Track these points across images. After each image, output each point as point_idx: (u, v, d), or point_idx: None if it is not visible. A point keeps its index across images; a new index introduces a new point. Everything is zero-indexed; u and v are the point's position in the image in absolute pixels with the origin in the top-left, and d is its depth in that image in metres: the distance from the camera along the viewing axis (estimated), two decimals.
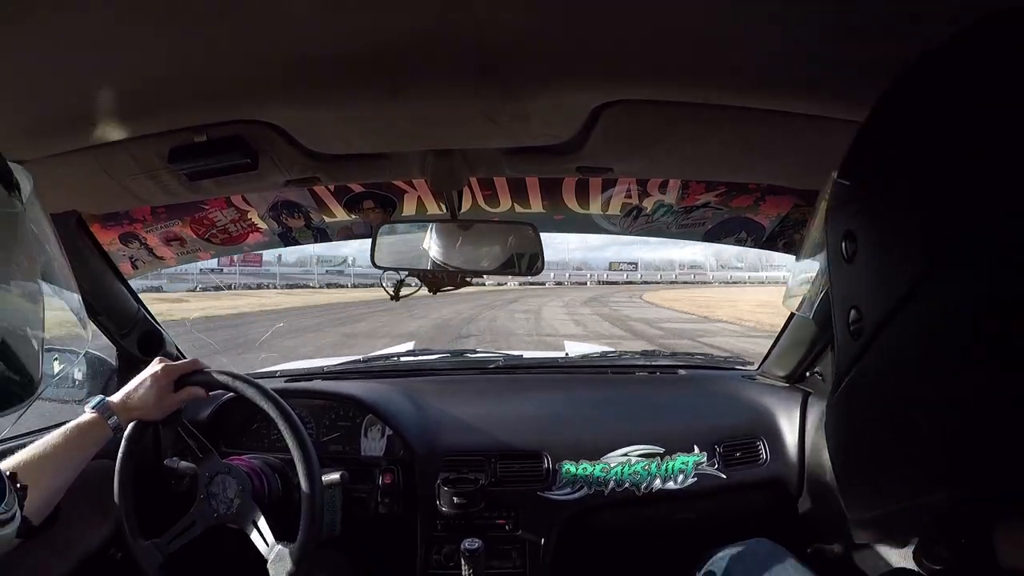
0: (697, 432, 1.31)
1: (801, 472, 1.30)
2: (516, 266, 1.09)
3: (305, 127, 0.78)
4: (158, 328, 1.37)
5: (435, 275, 1.08)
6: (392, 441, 1.28)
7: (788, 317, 1.36)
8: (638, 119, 0.75)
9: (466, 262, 1.08)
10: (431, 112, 0.74)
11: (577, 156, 0.88)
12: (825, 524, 1.26)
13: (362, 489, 1.21)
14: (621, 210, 1.39)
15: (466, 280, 1.09)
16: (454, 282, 1.09)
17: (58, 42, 0.54)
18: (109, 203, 1.10)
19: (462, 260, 1.08)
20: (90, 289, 1.17)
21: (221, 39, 0.56)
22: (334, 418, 1.34)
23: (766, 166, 0.98)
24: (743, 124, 0.74)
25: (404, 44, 0.58)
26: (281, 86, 0.67)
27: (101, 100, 0.68)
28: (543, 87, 0.67)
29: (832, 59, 0.59)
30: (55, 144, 0.76)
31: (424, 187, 1.31)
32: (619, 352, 1.89)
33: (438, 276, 1.08)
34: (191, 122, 0.74)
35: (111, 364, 1.36)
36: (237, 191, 1.21)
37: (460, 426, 1.31)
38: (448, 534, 1.21)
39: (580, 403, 1.44)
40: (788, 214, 1.28)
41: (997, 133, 0.28)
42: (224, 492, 0.99)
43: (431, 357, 1.76)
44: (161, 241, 1.39)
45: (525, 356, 1.75)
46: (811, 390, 1.34)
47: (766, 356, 1.49)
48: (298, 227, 1.45)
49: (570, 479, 1.24)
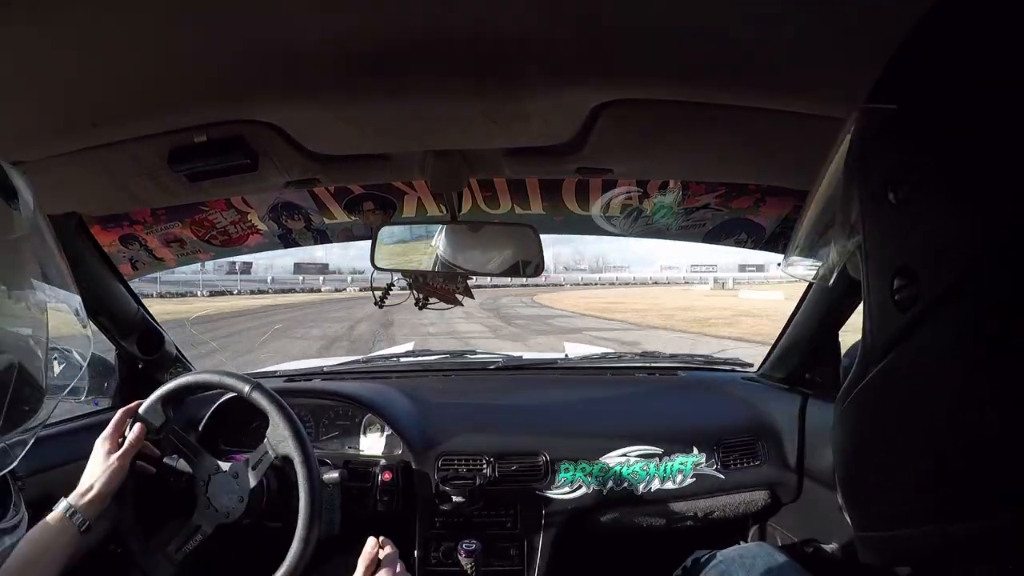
0: (696, 433, 1.31)
1: (800, 473, 1.30)
2: (519, 268, 1.09)
3: (305, 127, 0.78)
4: (158, 329, 1.37)
5: (430, 279, 1.08)
6: (391, 440, 1.28)
7: (788, 319, 1.37)
8: (638, 119, 0.75)
9: (470, 264, 1.08)
10: (431, 112, 0.74)
11: (577, 157, 0.88)
12: (823, 525, 1.26)
13: (361, 488, 1.21)
14: (621, 211, 1.39)
15: (461, 289, 1.08)
16: (453, 283, 1.08)
17: (58, 42, 0.54)
18: (109, 204, 1.10)
19: (467, 262, 1.08)
20: (90, 290, 1.17)
21: (221, 39, 0.56)
22: (333, 417, 1.34)
23: (766, 166, 0.98)
24: (743, 124, 0.75)
25: (404, 44, 0.58)
26: (281, 86, 0.67)
27: (101, 101, 0.68)
28: (543, 87, 0.67)
29: (832, 59, 0.60)
30: (55, 145, 0.76)
31: (424, 189, 1.31)
32: (618, 354, 1.88)
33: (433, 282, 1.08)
34: (191, 122, 0.74)
35: (111, 364, 1.36)
36: (237, 192, 1.21)
37: (459, 425, 1.31)
38: (447, 533, 1.21)
39: (579, 403, 1.44)
40: (788, 215, 1.28)
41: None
42: (225, 492, 0.99)
43: (430, 357, 1.76)
44: (161, 243, 1.39)
45: (524, 357, 1.75)
46: (810, 392, 1.34)
47: (766, 358, 1.49)
48: (298, 229, 1.45)
49: (569, 479, 1.24)
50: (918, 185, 0.28)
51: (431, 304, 1.08)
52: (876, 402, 0.33)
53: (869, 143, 0.32)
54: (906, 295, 0.29)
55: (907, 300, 0.28)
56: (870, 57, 0.57)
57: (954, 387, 0.27)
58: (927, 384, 0.29)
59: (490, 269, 1.10)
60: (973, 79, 0.26)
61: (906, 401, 0.30)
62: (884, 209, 0.30)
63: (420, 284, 1.07)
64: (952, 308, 0.26)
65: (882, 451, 0.33)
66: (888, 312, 0.30)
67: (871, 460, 0.35)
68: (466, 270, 1.08)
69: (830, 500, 1.20)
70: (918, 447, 0.29)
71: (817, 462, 1.27)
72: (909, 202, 0.29)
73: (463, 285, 1.08)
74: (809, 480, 1.29)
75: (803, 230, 0.44)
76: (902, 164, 0.29)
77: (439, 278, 1.08)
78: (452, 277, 1.08)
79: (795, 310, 1.33)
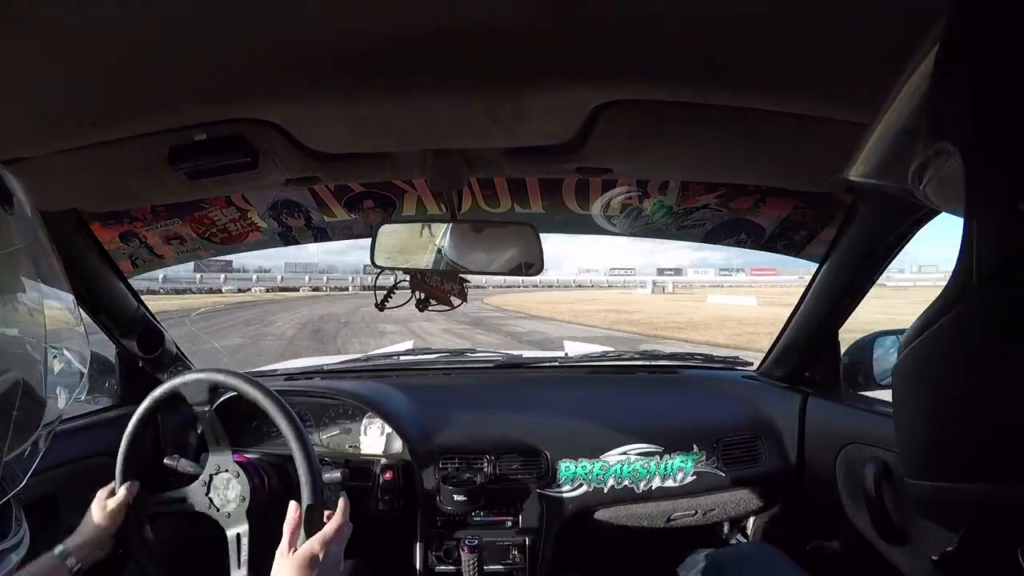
0: (696, 431, 1.31)
1: (800, 471, 1.31)
2: (519, 267, 1.08)
3: (305, 126, 0.78)
4: (158, 326, 1.37)
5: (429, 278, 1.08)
6: (392, 439, 1.29)
7: (788, 318, 1.37)
8: (638, 119, 0.75)
9: (470, 263, 1.08)
10: (431, 111, 0.74)
11: (577, 156, 0.88)
12: (823, 522, 1.27)
13: (362, 487, 1.21)
14: (621, 211, 1.39)
15: (460, 289, 1.08)
16: (452, 281, 1.08)
17: (58, 39, 0.54)
18: (109, 201, 1.10)
19: (467, 261, 1.08)
20: (90, 287, 1.17)
21: (222, 37, 0.56)
22: (334, 416, 1.34)
23: (766, 167, 0.98)
24: (743, 125, 0.75)
25: (404, 43, 0.58)
26: (281, 85, 0.67)
27: (101, 98, 0.68)
28: (543, 87, 0.67)
29: (832, 59, 0.60)
30: (55, 142, 0.76)
31: (424, 187, 1.31)
32: (619, 352, 1.88)
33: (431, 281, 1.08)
34: (191, 120, 0.74)
35: (110, 362, 1.36)
36: (237, 190, 1.21)
37: (459, 424, 1.32)
38: (448, 531, 1.21)
39: (579, 401, 1.44)
40: (788, 216, 1.28)
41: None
42: (226, 490, 1.00)
43: (431, 356, 1.76)
44: (161, 240, 1.39)
45: (524, 355, 1.75)
46: (810, 391, 1.35)
47: (766, 357, 1.49)
48: (298, 226, 1.45)
49: (569, 476, 1.24)
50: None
51: (432, 306, 1.08)
52: (978, 326, 0.29)
53: (987, 31, 0.28)
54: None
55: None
56: (869, 58, 0.57)
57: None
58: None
59: (490, 268, 1.10)
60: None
61: (1019, 329, 0.27)
62: (1007, 107, 0.27)
63: (419, 283, 1.07)
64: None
65: (973, 388, 0.30)
66: (1007, 224, 0.27)
67: (951, 401, 0.32)
68: (466, 269, 1.08)
69: (830, 499, 1.20)
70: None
71: (817, 459, 1.27)
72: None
73: (459, 286, 1.08)
74: (809, 478, 1.29)
75: (875, 136, 0.40)
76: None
77: (436, 277, 1.08)
78: (450, 276, 1.08)
79: (795, 309, 1.34)
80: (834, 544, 1.25)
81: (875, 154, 0.41)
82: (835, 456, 1.20)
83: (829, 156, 0.85)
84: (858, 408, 1.21)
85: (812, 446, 1.29)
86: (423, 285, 1.07)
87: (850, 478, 1.16)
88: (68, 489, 1.05)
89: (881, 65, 0.58)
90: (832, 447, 1.20)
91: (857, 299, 1.21)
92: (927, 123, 0.32)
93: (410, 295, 1.08)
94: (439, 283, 1.08)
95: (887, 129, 0.39)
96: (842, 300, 1.21)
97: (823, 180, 1.00)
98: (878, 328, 1.33)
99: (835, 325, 1.27)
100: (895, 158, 0.38)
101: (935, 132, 0.31)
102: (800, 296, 1.32)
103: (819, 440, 1.27)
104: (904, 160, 0.35)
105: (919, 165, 0.34)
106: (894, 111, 0.38)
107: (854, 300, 1.21)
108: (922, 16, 0.32)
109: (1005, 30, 0.28)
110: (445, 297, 1.07)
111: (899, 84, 0.36)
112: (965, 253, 0.30)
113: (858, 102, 0.66)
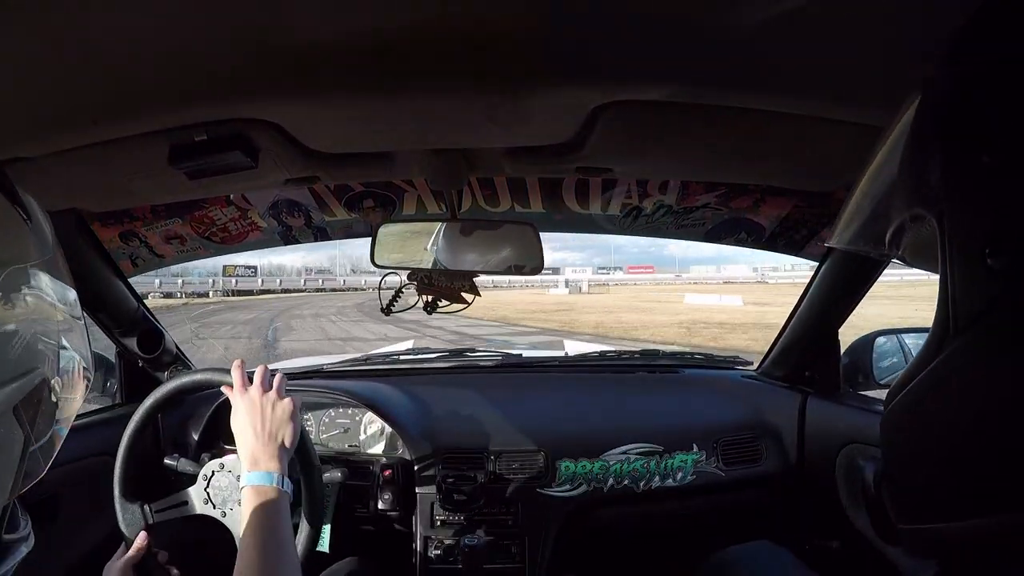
0: (696, 430, 1.31)
1: (800, 470, 1.31)
2: (519, 267, 1.08)
3: (305, 125, 0.78)
4: (158, 326, 1.37)
5: (434, 277, 1.07)
6: (392, 438, 1.29)
7: (788, 317, 1.37)
8: (638, 119, 0.75)
9: (469, 263, 1.08)
10: (431, 111, 0.74)
11: (577, 156, 0.88)
12: (823, 521, 1.27)
13: (362, 486, 1.21)
14: (621, 210, 1.39)
15: (471, 285, 1.07)
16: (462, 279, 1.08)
17: (59, 39, 0.54)
18: (109, 201, 1.10)
19: (466, 260, 1.08)
20: (90, 287, 1.17)
21: (221, 37, 0.56)
22: (334, 416, 1.34)
23: (766, 167, 0.98)
24: (743, 125, 0.75)
25: (404, 42, 0.58)
26: (281, 84, 0.67)
27: (101, 97, 0.67)
28: (543, 86, 0.67)
29: (832, 60, 0.60)
30: (55, 142, 0.76)
31: (424, 187, 1.30)
32: (619, 352, 1.88)
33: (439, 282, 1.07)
34: (191, 120, 0.74)
35: (111, 362, 1.36)
36: (237, 189, 1.21)
37: (459, 424, 1.32)
38: (447, 531, 1.21)
39: (579, 401, 1.44)
40: (788, 215, 1.28)
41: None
42: (226, 490, 1.00)
43: (430, 356, 1.76)
44: (161, 239, 1.39)
45: (524, 355, 1.75)
46: (810, 390, 1.35)
47: (766, 356, 1.49)
48: (298, 226, 1.45)
49: (569, 476, 1.24)
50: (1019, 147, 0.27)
51: (441, 307, 1.07)
52: (964, 375, 0.32)
53: (955, 105, 0.31)
54: (1003, 261, 0.28)
55: (1003, 265, 0.28)
56: (869, 59, 0.57)
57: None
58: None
59: (490, 268, 1.10)
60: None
61: (1008, 372, 0.29)
62: (974, 172, 0.29)
63: (427, 285, 1.06)
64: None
65: (965, 432, 0.32)
66: (978, 279, 0.29)
67: (935, 448, 0.34)
68: (465, 270, 1.08)
69: (830, 498, 1.20)
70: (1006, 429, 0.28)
71: (817, 459, 1.27)
72: (1007, 164, 0.28)
73: (469, 283, 1.07)
74: (809, 478, 1.30)
75: (855, 201, 0.43)
76: (1001, 125, 0.28)
77: (443, 277, 1.07)
78: (458, 275, 1.07)
79: (795, 308, 1.34)
80: (834, 544, 1.25)
81: (854, 222, 0.44)
82: (835, 456, 1.20)
83: (829, 156, 0.86)
84: (858, 408, 1.21)
85: (812, 446, 1.29)
86: (430, 288, 1.07)
87: (850, 478, 1.16)
88: (68, 489, 1.05)
89: (880, 65, 0.58)
90: (832, 447, 1.21)
91: (856, 299, 1.21)
92: (902, 190, 0.35)
93: (417, 298, 1.07)
94: (448, 283, 1.07)
95: (864, 198, 0.42)
96: (841, 300, 1.21)
97: (823, 180, 1.00)
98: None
99: (835, 324, 1.27)
100: (873, 224, 0.41)
101: (910, 198, 0.34)
102: (800, 296, 1.32)
103: (819, 440, 1.27)
104: (881, 226, 0.38)
105: (896, 230, 0.37)
106: (868, 181, 0.41)
107: (854, 300, 1.21)
108: (921, 16, 0.32)
109: (971, 107, 0.31)
110: (457, 296, 1.07)
111: (871, 157, 0.39)
112: (941, 307, 0.32)
113: (858, 102, 0.66)
